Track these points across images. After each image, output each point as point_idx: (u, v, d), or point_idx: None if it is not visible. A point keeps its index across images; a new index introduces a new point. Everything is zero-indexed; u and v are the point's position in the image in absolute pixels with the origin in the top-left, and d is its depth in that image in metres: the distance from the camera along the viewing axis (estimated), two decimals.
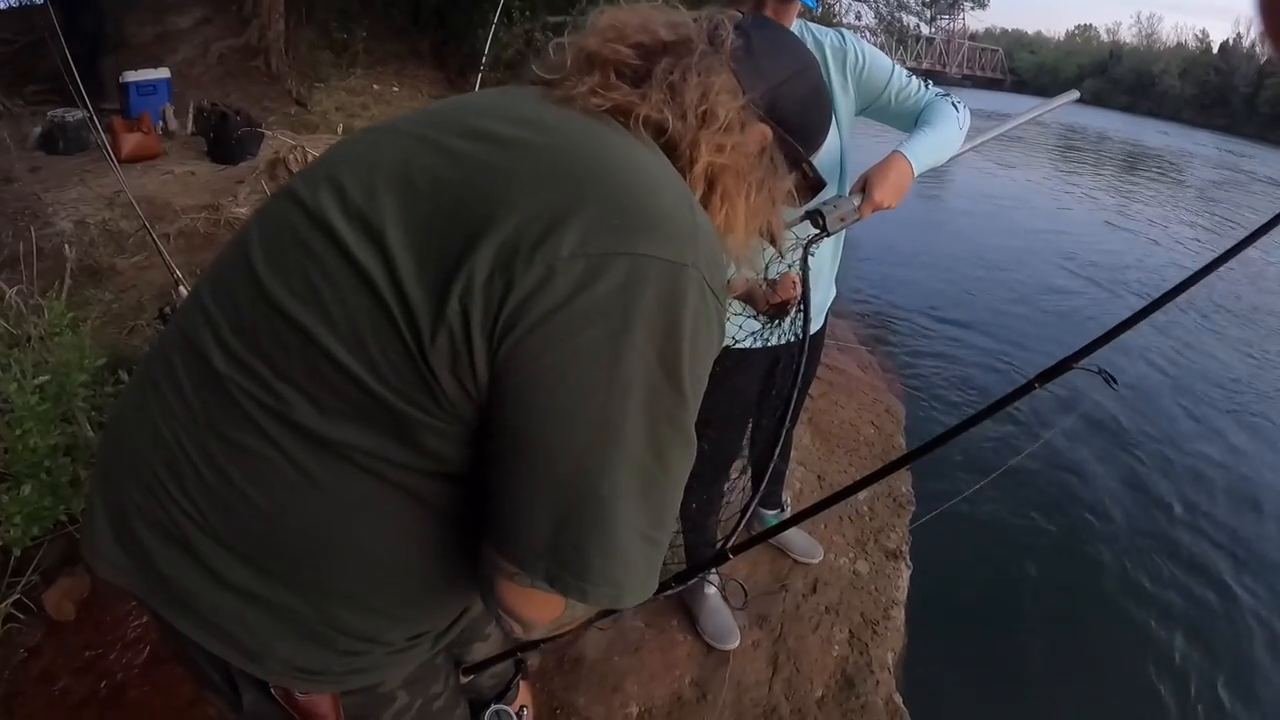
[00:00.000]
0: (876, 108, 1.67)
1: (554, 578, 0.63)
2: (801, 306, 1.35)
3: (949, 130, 1.58)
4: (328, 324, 0.63)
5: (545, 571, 0.62)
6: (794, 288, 1.43)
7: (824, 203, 1.43)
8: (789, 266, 1.45)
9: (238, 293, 0.69)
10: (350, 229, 0.65)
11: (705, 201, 0.75)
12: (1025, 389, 0.99)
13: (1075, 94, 2.01)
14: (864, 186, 1.47)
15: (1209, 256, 1.02)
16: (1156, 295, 1.03)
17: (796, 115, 0.83)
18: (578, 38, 0.77)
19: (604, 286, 0.59)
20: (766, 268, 1.48)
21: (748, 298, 1.53)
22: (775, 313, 1.51)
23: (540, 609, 0.66)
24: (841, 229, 1.45)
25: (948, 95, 1.65)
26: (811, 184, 0.91)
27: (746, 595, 2.23)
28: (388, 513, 0.68)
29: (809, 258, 1.34)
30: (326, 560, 0.69)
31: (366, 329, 0.62)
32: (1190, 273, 0.99)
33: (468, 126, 0.70)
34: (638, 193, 0.65)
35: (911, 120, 1.63)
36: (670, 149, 0.73)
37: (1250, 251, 1.03)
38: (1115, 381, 0.90)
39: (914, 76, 1.66)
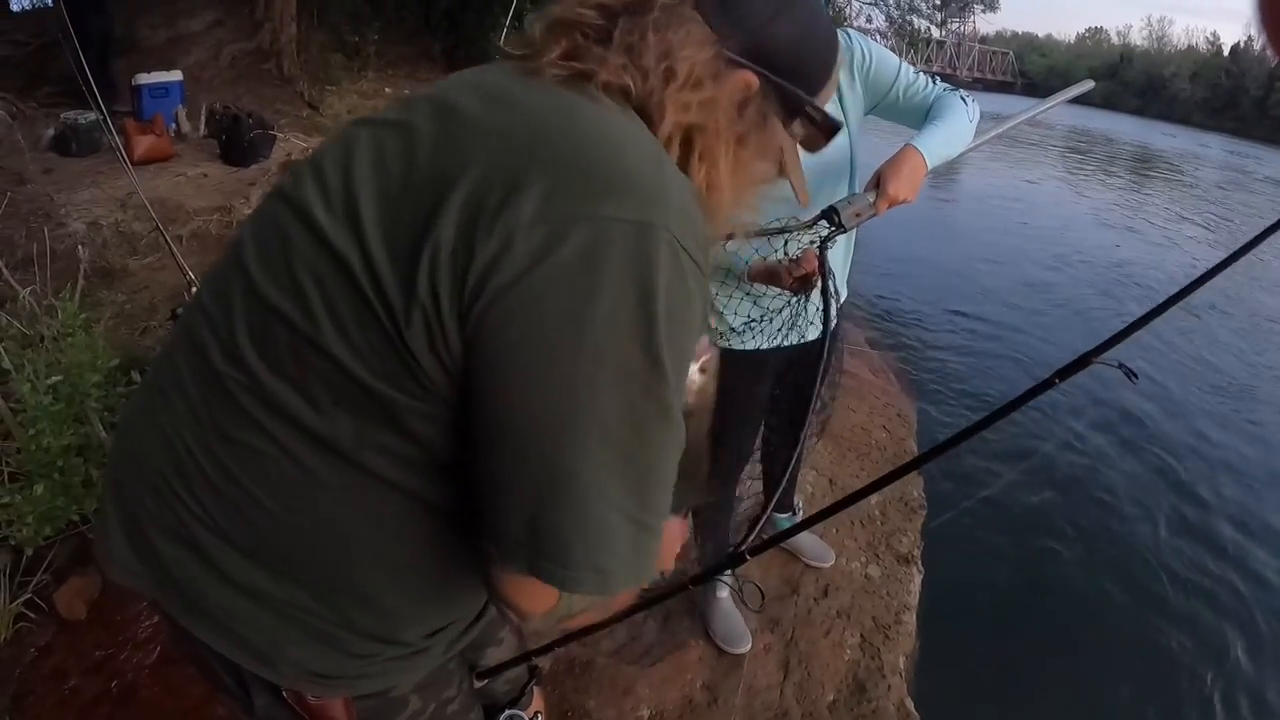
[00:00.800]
0: (885, 105, 1.66)
1: (534, 565, 0.60)
2: (823, 290, 1.34)
3: (959, 123, 1.57)
4: (310, 314, 0.63)
5: (525, 559, 0.61)
6: (816, 261, 1.42)
7: (839, 200, 1.42)
8: (809, 243, 1.44)
9: (231, 289, 0.69)
10: (328, 217, 0.64)
11: (684, 163, 0.71)
12: (1045, 385, 0.96)
13: (1090, 83, 2.00)
14: (878, 182, 1.46)
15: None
16: (1165, 290, 1.00)
17: (789, 56, 0.76)
18: (549, 7, 0.74)
19: (566, 252, 0.57)
20: (785, 245, 1.47)
21: (772, 276, 1.51)
22: (800, 287, 1.50)
23: (534, 598, 0.65)
24: (858, 225, 1.44)
25: (956, 90, 1.63)
26: (823, 128, 0.82)
27: (764, 597, 2.21)
28: (392, 509, 0.67)
29: (825, 252, 1.33)
30: (337, 558, 0.68)
31: (347, 315, 0.61)
32: (1206, 267, 0.96)
33: (439, 106, 0.69)
34: (597, 154, 0.62)
35: (921, 117, 1.62)
36: (641, 112, 0.70)
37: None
38: (1136, 376, 0.87)
39: (921, 73, 1.65)
